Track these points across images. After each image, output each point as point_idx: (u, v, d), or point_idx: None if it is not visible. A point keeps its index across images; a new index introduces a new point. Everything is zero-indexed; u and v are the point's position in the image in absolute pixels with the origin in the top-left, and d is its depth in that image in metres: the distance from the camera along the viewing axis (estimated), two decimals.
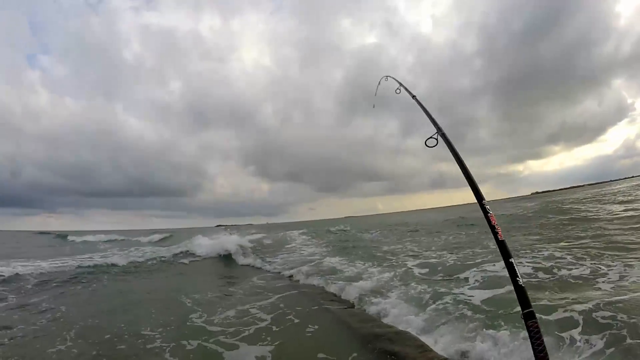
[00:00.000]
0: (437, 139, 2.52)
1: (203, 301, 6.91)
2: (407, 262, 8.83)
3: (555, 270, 6.26)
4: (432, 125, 2.65)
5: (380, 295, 6.09)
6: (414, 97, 3.19)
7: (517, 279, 1.77)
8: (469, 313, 4.64)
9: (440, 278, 6.92)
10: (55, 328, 5.46)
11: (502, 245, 1.88)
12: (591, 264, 6.36)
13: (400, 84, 3.52)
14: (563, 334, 3.60)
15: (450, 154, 2.39)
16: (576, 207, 18.37)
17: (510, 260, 1.83)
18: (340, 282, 7.43)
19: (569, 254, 7.23)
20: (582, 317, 3.84)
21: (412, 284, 6.40)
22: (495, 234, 1.92)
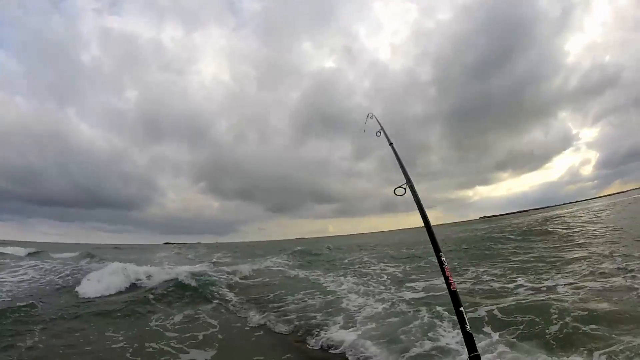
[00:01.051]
0: (405, 189, 2.74)
1: None
2: None
3: (485, 282, 7.32)
4: (402, 175, 2.91)
5: None
6: (391, 144, 3.34)
7: (466, 325, 2.07)
8: None
9: None
10: None
11: (454, 295, 2.17)
12: (513, 277, 7.52)
13: (382, 128, 3.63)
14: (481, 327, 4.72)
15: (414, 204, 2.65)
16: (514, 229, 19.28)
17: (460, 309, 2.12)
18: None
19: (499, 269, 8.44)
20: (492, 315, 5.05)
21: None
22: (448, 284, 2.20)
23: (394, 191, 2.76)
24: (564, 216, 25.49)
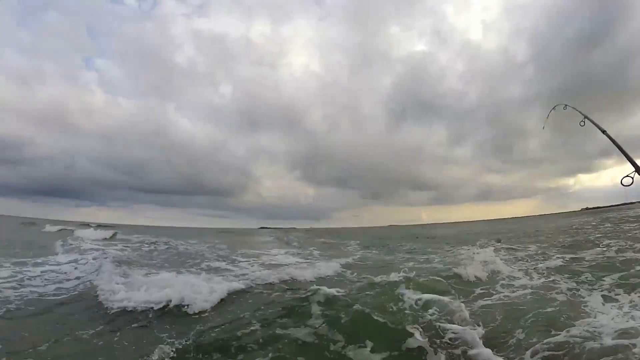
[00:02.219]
0: (632, 178, 2.51)
1: None
2: None
3: None
4: (627, 162, 2.61)
5: None
6: (604, 131, 3.03)
7: None
8: None
9: None
10: None
11: None
12: None
13: (586, 117, 3.45)
14: None
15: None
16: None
17: None
18: None
19: None
20: None
21: None
22: None
23: (621, 181, 2.53)
24: None
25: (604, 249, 8.48)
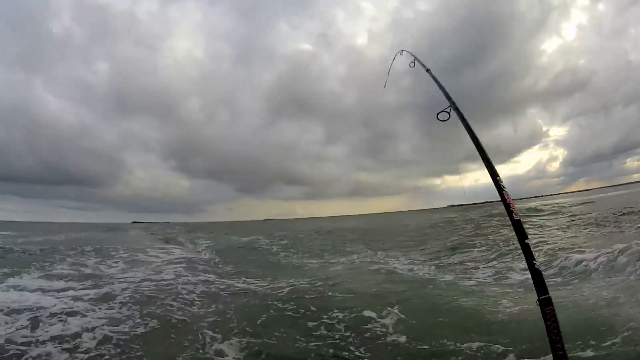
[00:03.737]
0: (449, 113, 2.42)
1: None
2: None
3: None
4: (444, 100, 2.53)
5: None
6: (427, 70, 3.09)
7: (534, 261, 1.64)
8: None
9: None
10: None
11: (517, 224, 1.73)
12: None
13: (415, 58, 3.46)
14: None
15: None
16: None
17: (525, 241, 1.68)
18: None
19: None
20: None
21: None
22: (510, 212, 1.75)
23: (437, 116, 2.45)
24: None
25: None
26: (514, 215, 1.74)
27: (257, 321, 4.64)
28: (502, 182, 1.85)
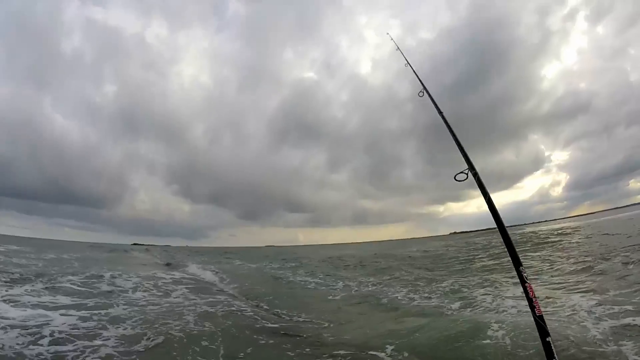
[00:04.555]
0: (467, 174, 2.46)
1: None
2: None
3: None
4: (461, 157, 2.61)
5: None
6: (440, 113, 3.07)
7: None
8: None
9: None
10: None
11: (540, 321, 1.72)
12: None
13: (424, 88, 3.50)
14: None
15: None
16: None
17: (547, 339, 1.67)
18: None
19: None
20: None
21: None
22: (532, 308, 1.74)
23: (455, 177, 2.48)
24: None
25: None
26: (537, 311, 1.73)
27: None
28: (524, 271, 1.85)
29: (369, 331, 5.52)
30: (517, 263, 1.87)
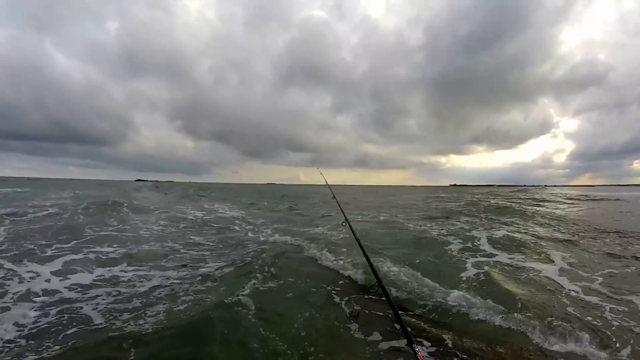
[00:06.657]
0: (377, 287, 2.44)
1: None
2: None
3: None
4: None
5: None
6: (357, 240, 3.13)
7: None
8: None
9: None
10: None
11: None
12: None
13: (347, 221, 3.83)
14: None
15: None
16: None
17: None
18: None
19: None
20: None
21: None
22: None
23: (369, 289, 3.46)
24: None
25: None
26: None
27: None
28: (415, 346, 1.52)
29: None
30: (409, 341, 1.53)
